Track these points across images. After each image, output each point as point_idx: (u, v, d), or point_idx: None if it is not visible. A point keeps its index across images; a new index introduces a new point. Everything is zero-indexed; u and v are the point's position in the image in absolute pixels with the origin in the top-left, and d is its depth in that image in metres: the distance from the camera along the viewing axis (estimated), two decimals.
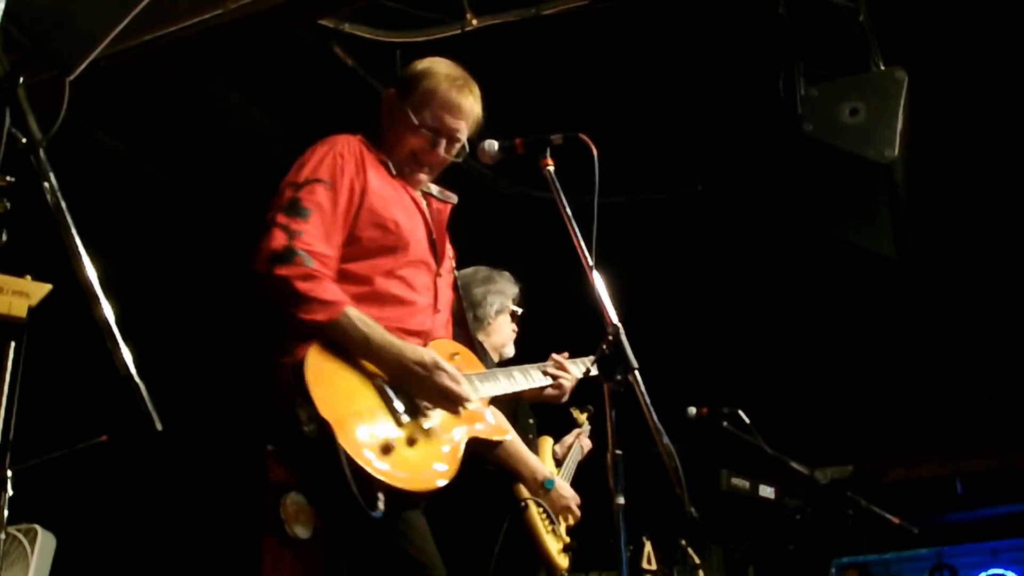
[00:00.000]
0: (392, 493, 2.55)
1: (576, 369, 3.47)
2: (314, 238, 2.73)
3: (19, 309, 3.33)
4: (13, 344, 3.36)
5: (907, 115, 4.37)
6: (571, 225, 2.58)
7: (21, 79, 1.78)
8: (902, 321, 7.52)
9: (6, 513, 4.18)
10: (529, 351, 4.78)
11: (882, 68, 4.52)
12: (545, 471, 3.90)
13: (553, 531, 3.99)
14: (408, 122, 3.00)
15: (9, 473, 4.08)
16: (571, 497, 3.99)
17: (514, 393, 3.21)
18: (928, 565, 13.66)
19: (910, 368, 8.17)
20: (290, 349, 2.67)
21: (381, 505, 2.53)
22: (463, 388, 2.79)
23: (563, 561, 4.04)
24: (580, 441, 4.50)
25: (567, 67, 5.32)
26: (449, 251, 3.17)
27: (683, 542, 6.43)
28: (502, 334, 4.33)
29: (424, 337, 2.94)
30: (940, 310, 7.42)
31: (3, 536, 4.35)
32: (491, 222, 6.30)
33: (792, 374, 7.99)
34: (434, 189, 3.15)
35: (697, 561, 6.44)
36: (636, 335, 2.43)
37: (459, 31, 4.64)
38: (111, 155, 5.29)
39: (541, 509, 3.93)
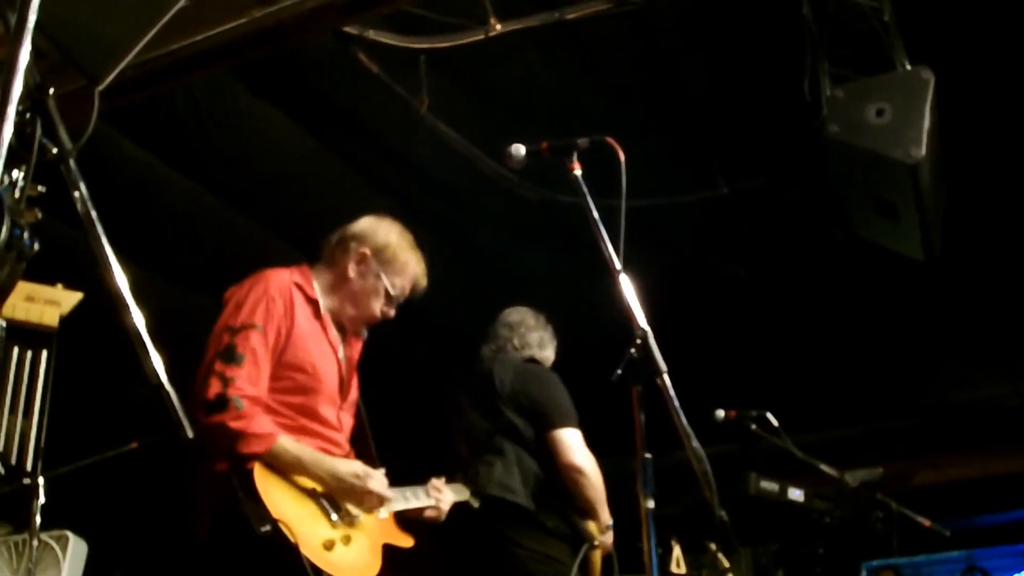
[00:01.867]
0: None
1: (450, 494, 3.76)
2: (245, 382, 3.02)
3: (51, 318, 3.36)
4: (45, 352, 3.40)
5: (934, 115, 4.35)
6: (598, 228, 2.58)
7: (51, 89, 1.79)
8: (930, 322, 7.47)
9: (38, 519, 4.24)
10: (556, 356, 4.80)
11: (908, 68, 4.49)
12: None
13: None
14: (380, 286, 3.41)
15: (41, 480, 4.12)
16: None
17: (406, 510, 3.52)
18: (959, 568, 13.55)
19: (939, 370, 8.11)
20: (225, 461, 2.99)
21: None
22: (387, 491, 3.28)
23: None
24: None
25: (591, 71, 5.32)
26: (355, 385, 3.51)
27: (712, 546, 6.41)
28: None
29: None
30: (968, 311, 7.37)
31: (35, 542, 4.40)
32: (515, 226, 6.31)
33: (820, 376, 7.95)
34: None
35: (726, 565, 6.41)
36: (664, 339, 2.43)
37: (483, 36, 4.65)
38: (138, 164, 5.32)
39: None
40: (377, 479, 3.24)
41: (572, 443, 4.20)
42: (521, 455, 4.18)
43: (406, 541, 3.40)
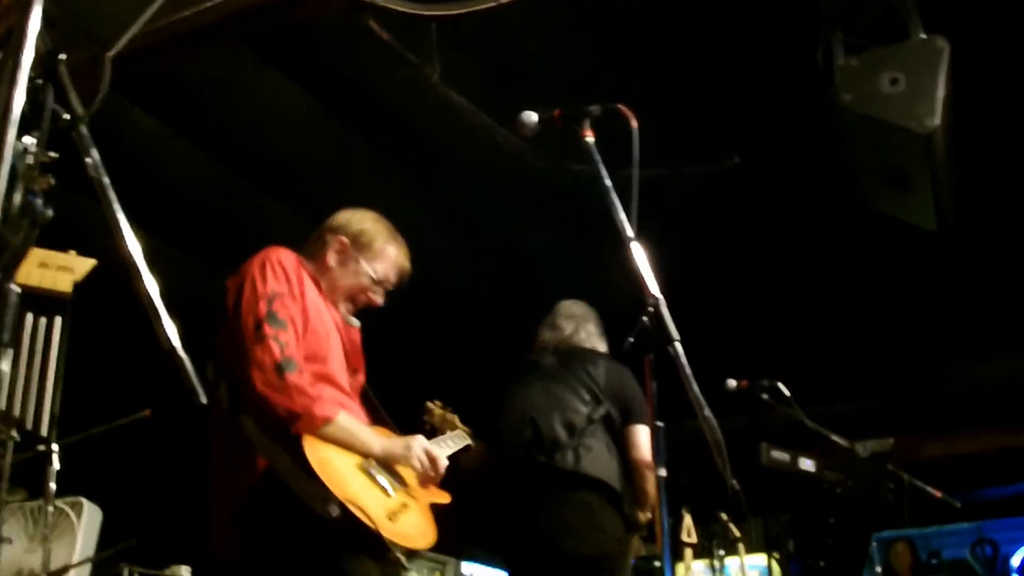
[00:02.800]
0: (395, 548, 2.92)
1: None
2: (295, 349, 3.01)
3: (64, 284, 3.38)
4: (59, 319, 3.41)
5: (948, 84, 4.31)
6: (610, 195, 2.58)
7: (63, 56, 1.79)
8: (942, 294, 7.46)
9: (53, 486, 4.27)
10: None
11: (922, 37, 4.45)
12: None
13: None
14: (362, 272, 3.43)
15: (56, 447, 4.16)
16: None
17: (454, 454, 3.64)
18: (969, 539, 13.61)
19: (951, 343, 8.10)
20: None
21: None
22: (433, 447, 3.29)
23: None
24: None
25: (602, 40, 5.29)
26: (362, 368, 3.51)
27: (723, 515, 6.43)
28: None
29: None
30: (981, 284, 7.35)
31: (50, 509, 4.44)
32: (526, 197, 6.30)
33: (832, 348, 7.96)
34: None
35: (737, 534, 6.44)
36: (676, 309, 2.42)
37: (494, 4, 4.62)
38: (149, 134, 5.33)
39: None
40: (420, 439, 3.27)
41: (645, 440, 4.47)
42: (610, 443, 4.49)
43: (445, 498, 3.38)
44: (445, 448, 3.57)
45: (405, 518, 3.04)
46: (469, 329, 7.70)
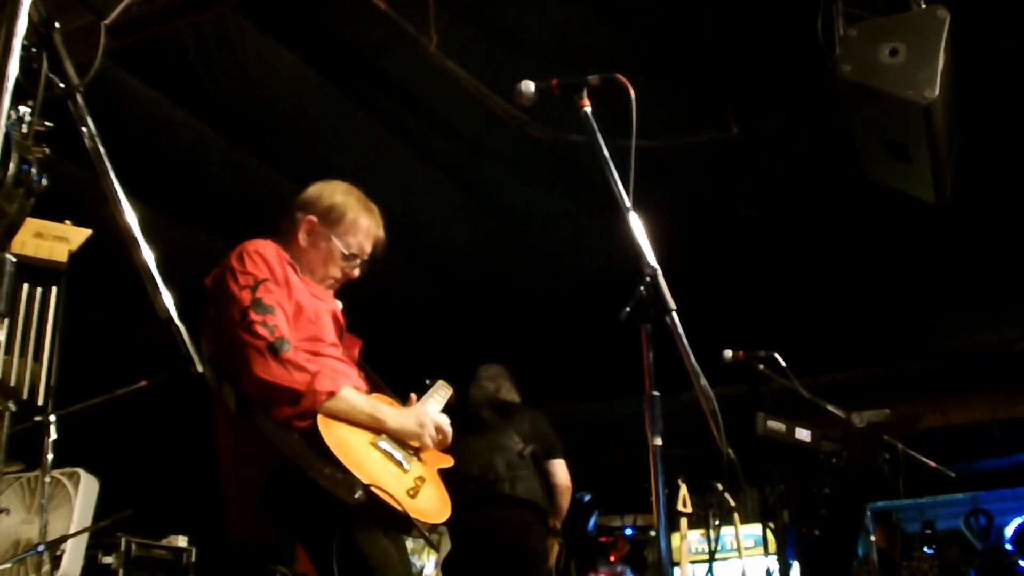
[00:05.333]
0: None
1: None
2: (285, 331, 2.99)
3: (60, 254, 3.37)
4: (55, 289, 3.41)
5: (948, 55, 4.29)
6: (608, 165, 2.57)
7: (57, 24, 1.78)
8: (940, 266, 7.45)
9: (50, 457, 4.28)
10: (566, 294, 4.81)
11: (923, 7, 4.43)
12: None
13: None
14: (333, 248, 3.39)
15: (53, 418, 4.16)
16: None
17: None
18: (964, 510, 13.69)
19: (947, 314, 8.11)
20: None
21: None
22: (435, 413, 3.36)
23: None
24: None
25: (602, 9, 5.26)
26: (355, 345, 3.51)
27: (719, 485, 6.46)
28: None
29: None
30: (979, 255, 7.35)
31: (47, 480, 4.45)
32: (524, 166, 6.28)
33: (829, 318, 7.96)
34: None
35: (732, 504, 6.46)
36: (673, 279, 2.42)
37: None
38: (145, 103, 5.30)
39: None
40: (427, 412, 3.29)
41: (562, 470, 6.07)
42: (537, 473, 5.91)
43: (449, 461, 3.38)
44: (438, 403, 3.57)
45: (423, 493, 3.04)
46: (468, 294, 7.71)
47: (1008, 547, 13.21)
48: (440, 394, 3.85)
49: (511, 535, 5.73)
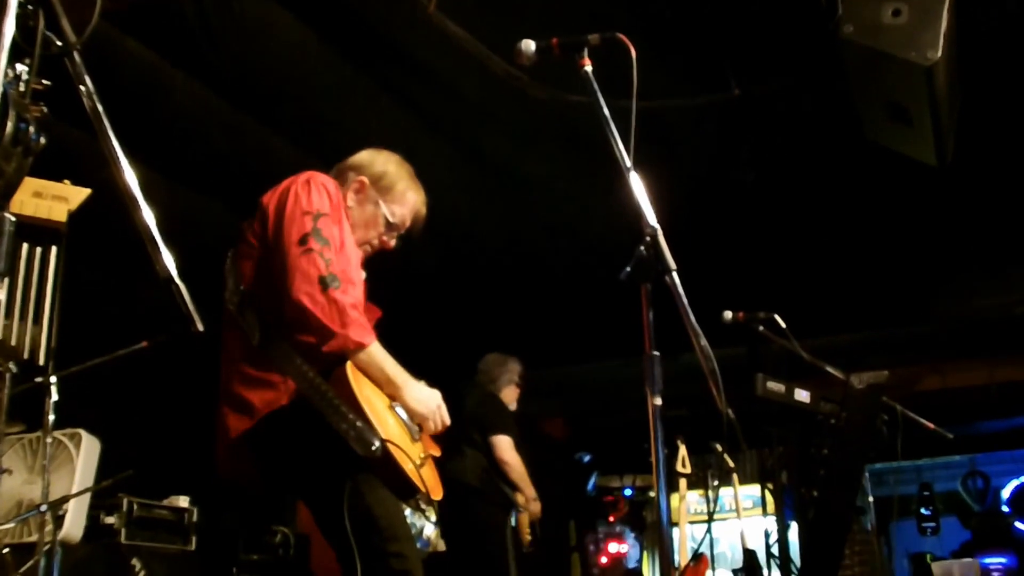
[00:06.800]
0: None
1: None
2: (337, 267, 2.95)
3: (59, 214, 3.37)
4: (54, 248, 3.41)
5: (951, 17, 4.27)
6: (608, 125, 2.56)
7: None
8: (941, 229, 7.45)
9: (51, 418, 4.29)
10: (565, 256, 4.79)
11: None
12: None
13: None
14: (379, 213, 3.39)
15: (54, 379, 4.17)
16: None
17: None
18: (961, 472, 13.80)
19: (947, 277, 8.11)
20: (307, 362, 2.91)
21: None
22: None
23: None
24: None
25: None
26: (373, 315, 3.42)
27: (718, 446, 6.49)
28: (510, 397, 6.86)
29: None
30: (979, 219, 7.34)
31: (49, 441, 4.46)
32: (525, 128, 6.26)
33: (829, 281, 7.97)
34: None
35: (731, 465, 6.50)
36: (673, 240, 2.42)
37: None
38: (143, 66, 5.27)
39: None
40: (439, 396, 3.24)
41: (502, 444, 6.41)
42: (478, 452, 6.45)
43: (437, 451, 3.33)
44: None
45: (426, 469, 3.04)
46: (468, 258, 7.70)
47: (1005, 508, 13.32)
48: None
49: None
